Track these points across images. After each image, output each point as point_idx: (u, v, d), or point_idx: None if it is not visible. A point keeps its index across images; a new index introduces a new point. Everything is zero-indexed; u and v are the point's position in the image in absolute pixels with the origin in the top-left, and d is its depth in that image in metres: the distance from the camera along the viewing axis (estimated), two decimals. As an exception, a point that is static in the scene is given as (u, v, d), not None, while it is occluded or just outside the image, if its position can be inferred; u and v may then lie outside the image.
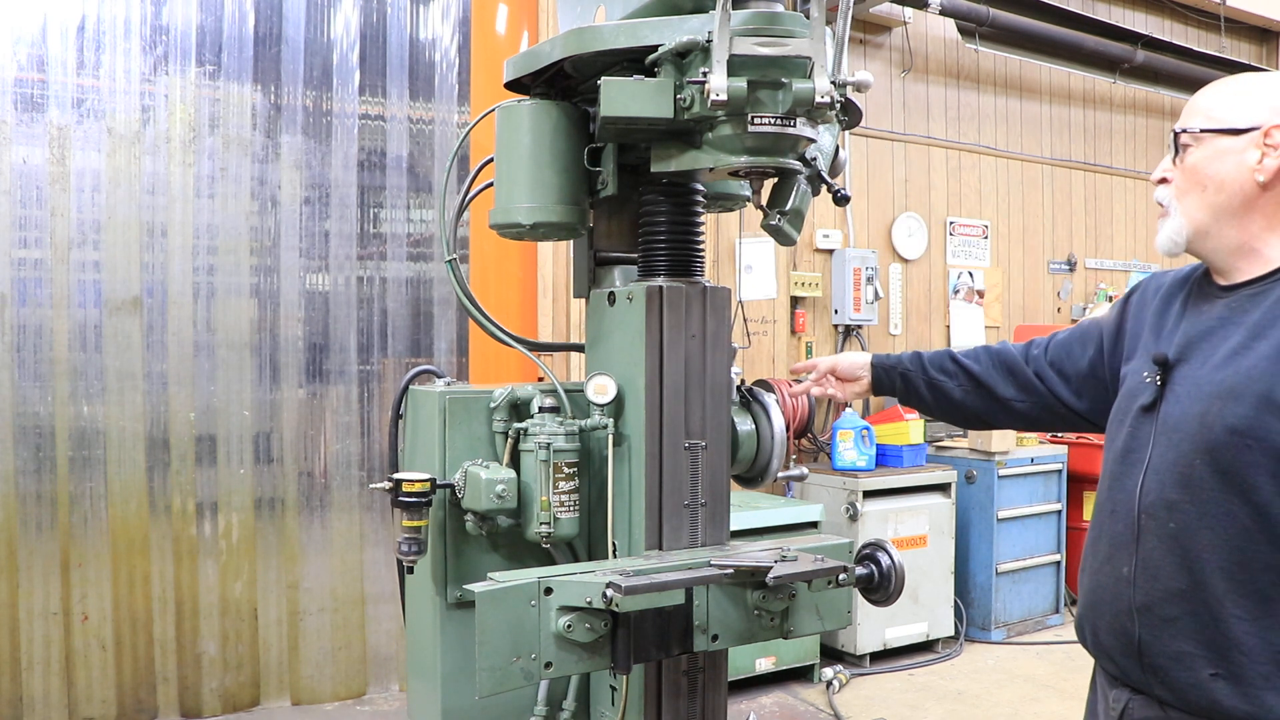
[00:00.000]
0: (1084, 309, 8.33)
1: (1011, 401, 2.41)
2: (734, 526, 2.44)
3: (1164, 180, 2.01)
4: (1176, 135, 1.96)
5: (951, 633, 6.40)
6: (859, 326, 7.05)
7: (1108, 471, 2.05)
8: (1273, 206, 1.88)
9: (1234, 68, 8.59)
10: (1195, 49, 8.50)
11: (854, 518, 5.90)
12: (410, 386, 2.64)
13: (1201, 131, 1.92)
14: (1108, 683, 2.03)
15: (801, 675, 5.76)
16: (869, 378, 2.60)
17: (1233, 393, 1.80)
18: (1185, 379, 1.91)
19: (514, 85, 2.46)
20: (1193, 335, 1.95)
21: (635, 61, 2.10)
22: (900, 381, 2.56)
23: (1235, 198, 1.89)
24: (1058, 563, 6.98)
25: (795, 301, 6.86)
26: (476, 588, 1.96)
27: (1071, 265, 8.42)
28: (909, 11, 7.06)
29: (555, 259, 5.64)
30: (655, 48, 2.03)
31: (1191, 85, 8.56)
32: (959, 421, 2.62)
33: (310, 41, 5.29)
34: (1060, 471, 6.96)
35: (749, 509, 5.43)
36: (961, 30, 7.30)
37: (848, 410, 6.52)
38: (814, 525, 5.63)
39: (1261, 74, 1.95)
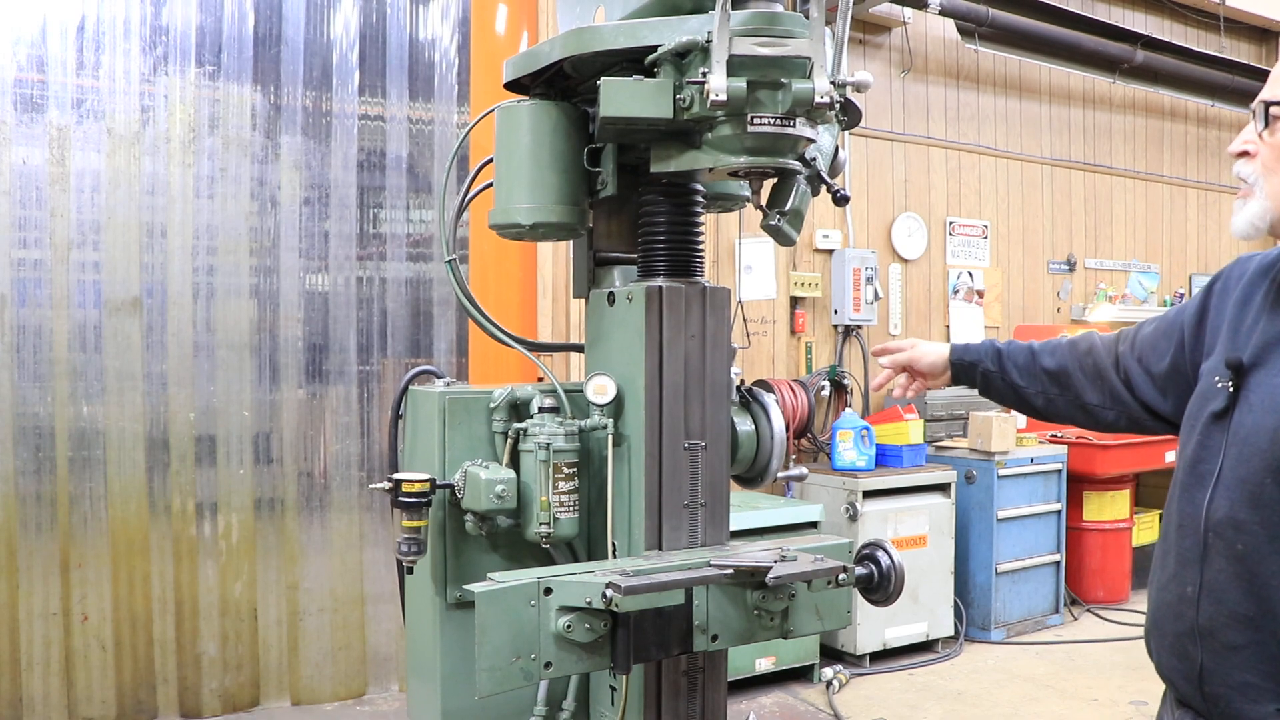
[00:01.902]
0: (1083, 309, 8.34)
1: (1097, 409, 2.27)
2: (734, 527, 2.44)
3: (1245, 154, 1.82)
4: (1267, 105, 1.77)
5: (951, 633, 6.40)
6: (859, 327, 7.05)
7: (1177, 481, 1.90)
8: None
9: (1233, 68, 8.60)
10: (1195, 49, 8.50)
11: (854, 518, 5.90)
12: (410, 387, 2.64)
13: None
14: (1173, 703, 1.92)
15: (801, 675, 5.76)
16: (949, 375, 2.49)
17: None
18: (1260, 386, 1.76)
19: (513, 85, 2.46)
20: (1271, 337, 1.79)
21: (635, 62, 2.09)
22: (980, 380, 2.45)
23: None
24: (1057, 563, 6.98)
25: (795, 302, 6.86)
26: (476, 588, 1.96)
27: (1071, 265, 8.42)
28: (909, 12, 7.06)
29: (555, 259, 5.64)
30: (655, 48, 2.03)
31: (1191, 85, 8.61)
32: (1037, 419, 2.47)
33: (310, 42, 5.29)
34: (1060, 471, 6.96)
35: (749, 509, 5.43)
36: (961, 30, 7.30)
37: (847, 410, 6.53)
38: (814, 525, 5.64)
39: None
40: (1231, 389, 1.80)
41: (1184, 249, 9.33)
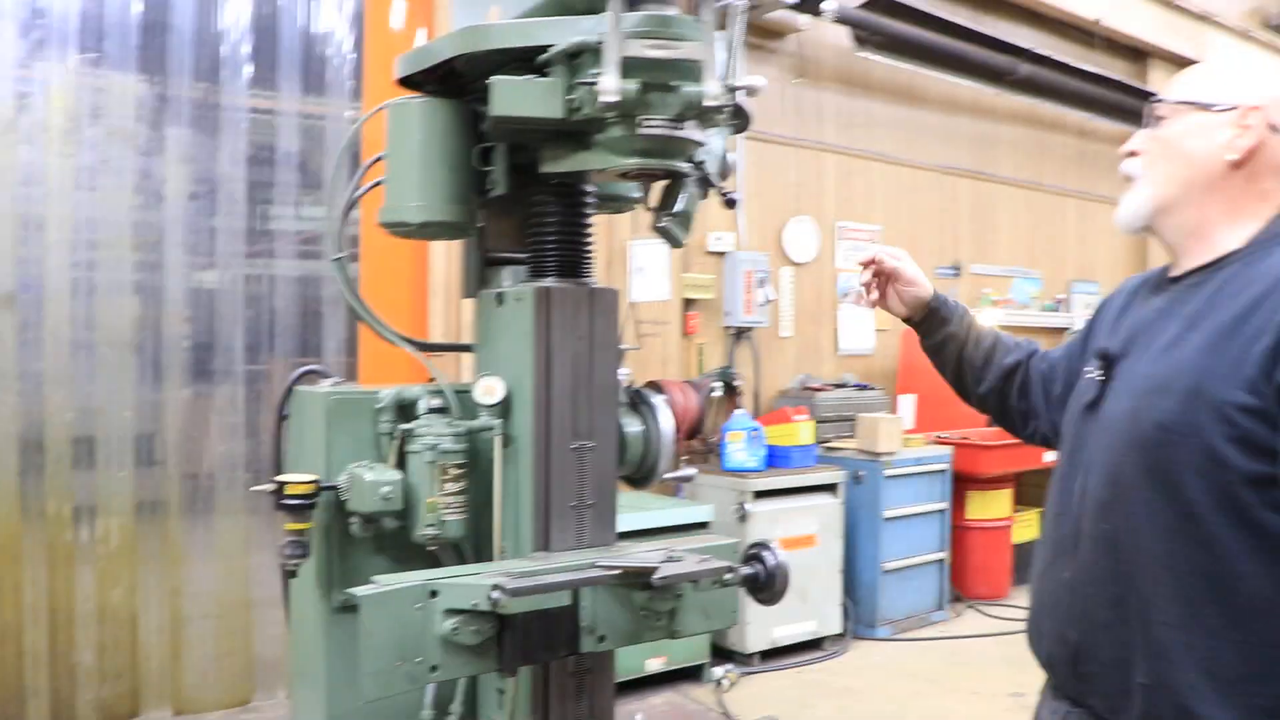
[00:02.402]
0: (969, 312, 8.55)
1: (1022, 416, 2.33)
2: (625, 527, 2.44)
3: (1133, 154, 1.96)
4: (1154, 106, 1.92)
5: (839, 630, 6.51)
6: (750, 329, 7.13)
7: (1055, 474, 2.00)
8: (1236, 190, 1.83)
9: (1109, 84, 8.93)
10: (1073, 64, 8.79)
11: (743, 518, 5.97)
12: (295, 387, 2.59)
13: (1178, 104, 1.89)
14: (1051, 694, 1.98)
15: (692, 674, 5.79)
16: (915, 314, 2.42)
17: (1162, 387, 1.74)
18: (1124, 373, 1.87)
19: (407, 82, 2.42)
20: (1136, 328, 1.91)
21: (527, 61, 2.09)
22: (941, 340, 2.40)
23: (1202, 174, 1.85)
24: (941, 561, 7.15)
25: (688, 303, 6.90)
26: (360, 591, 1.93)
27: (957, 270, 8.64)
28: (803, 19, 7.17)
29: (448, 258, 5.59)
30: (547, 48, 2.03)
31: (1071, 98, 8.90)
32: (967, 401, 2.44)
33: (199, 31, 5.15)
34: (945, 472, 7.13)
35: (640, 510, 5.45)
36: (854, 38, 7.44)
37: (738, 412, 6.59)
38: (704, 526, 5.68)
39: (1247, 56, 1.93)
40: (1101, 379, 1.91)
41: (1064, 256, 9.65)
